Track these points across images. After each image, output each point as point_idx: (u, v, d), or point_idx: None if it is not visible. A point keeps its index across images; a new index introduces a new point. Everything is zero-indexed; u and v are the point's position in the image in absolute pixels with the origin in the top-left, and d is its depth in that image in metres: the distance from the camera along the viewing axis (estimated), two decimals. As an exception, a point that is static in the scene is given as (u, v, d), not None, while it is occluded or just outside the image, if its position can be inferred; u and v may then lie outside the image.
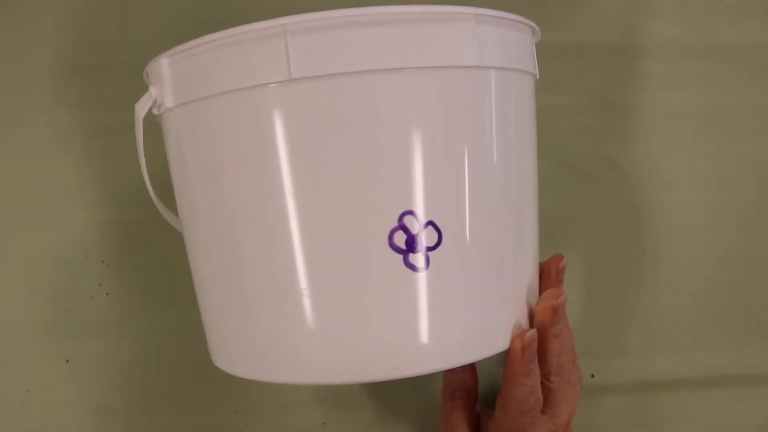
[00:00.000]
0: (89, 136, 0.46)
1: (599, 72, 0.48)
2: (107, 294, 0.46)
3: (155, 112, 0.34)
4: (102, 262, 0.46)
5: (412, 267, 0.30)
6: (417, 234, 0.29)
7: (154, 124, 0.36)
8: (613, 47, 0.48)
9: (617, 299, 0.48)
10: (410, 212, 0.29)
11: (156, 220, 0.46)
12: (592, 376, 0.48)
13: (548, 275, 0.39)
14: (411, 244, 0.29)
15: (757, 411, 0.49)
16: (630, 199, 0.48)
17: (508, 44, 0.32)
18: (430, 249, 0.30)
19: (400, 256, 0.29)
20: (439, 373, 0.37)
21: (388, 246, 0.29)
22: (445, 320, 0.31)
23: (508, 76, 0.32)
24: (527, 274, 0.35)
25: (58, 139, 0.46)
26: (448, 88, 0.30)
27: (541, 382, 0.37)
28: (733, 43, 0.48)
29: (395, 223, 0.29)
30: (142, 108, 0.34)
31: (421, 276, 0.30)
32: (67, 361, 0.46)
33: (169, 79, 0.32)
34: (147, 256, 0.47)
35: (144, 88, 0.35)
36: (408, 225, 0.29)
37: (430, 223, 0.30)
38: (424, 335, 0.30)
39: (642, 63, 0.48)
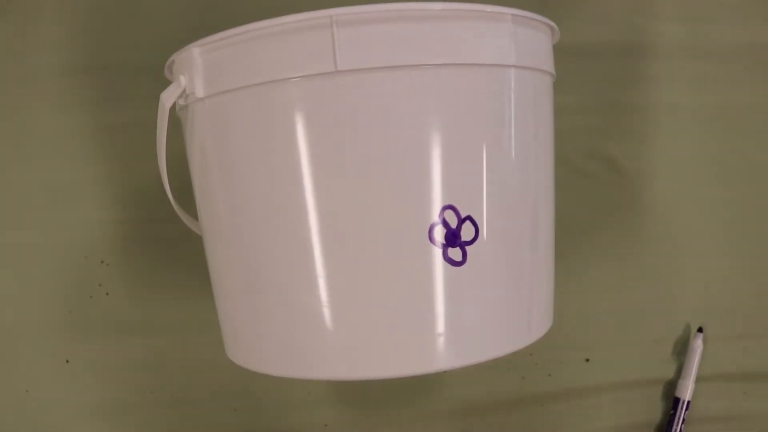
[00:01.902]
0: (89, 137, 0.46)
1: (600, 72, 0.48)
2: (107, 294, 0.46)
3: (181, 102, 0.33)
4: (102, 262, 0.46)
5: (451, 261, 0.30)
6: (456, 228, 0.30)
7: (151, 124, 0.35)
8: (613, 47, 0.48)
9: (616, 298, 0.48)
10: (450, 207, 0.29)
11: (156, 220, 0.46)
12: (587, 360, 0.48)
13: None
14: (451, 239, 0.29)
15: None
16: (630, 199, 0.48)
17: (535, 43, 0.33)
18: (467, 243, 0.30)
19: (440, 250, 0.29)
20: (440, 374, 0.37)
21: (428, 240, 0.29)
22: (482, 313, 0.31)
23: (537, 76, 0.33)
24: (547, 267, 0.35)
25: (59, 140, 0.45)
26: (487, 85, 0.31)
27: None
28: (733, 43, 0.49)
29: (436, 218, 0.29)
30: (169, 98, 0.32)
31: (460, 270, 0.30)
32: (67, 361, 0.46)
33: (201, 69, 0.31)
34: (147, 256, 0.46)
35: (145, 88, 0.35)
36: (448, 219, 0.29)
37: (468, 218, 0.30)
38: (462, 328, 0.30)
39: (642, 63, 0.48)
